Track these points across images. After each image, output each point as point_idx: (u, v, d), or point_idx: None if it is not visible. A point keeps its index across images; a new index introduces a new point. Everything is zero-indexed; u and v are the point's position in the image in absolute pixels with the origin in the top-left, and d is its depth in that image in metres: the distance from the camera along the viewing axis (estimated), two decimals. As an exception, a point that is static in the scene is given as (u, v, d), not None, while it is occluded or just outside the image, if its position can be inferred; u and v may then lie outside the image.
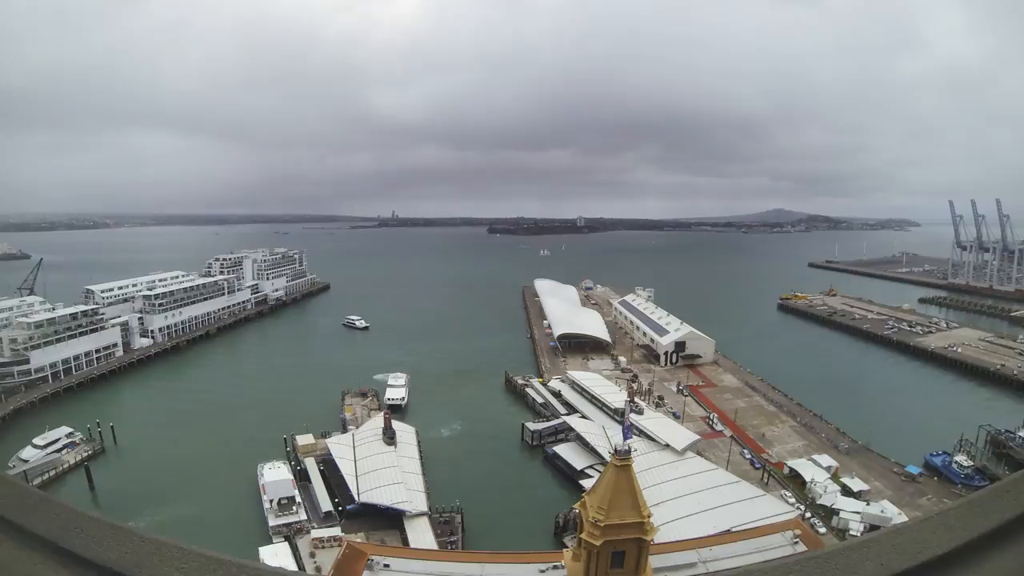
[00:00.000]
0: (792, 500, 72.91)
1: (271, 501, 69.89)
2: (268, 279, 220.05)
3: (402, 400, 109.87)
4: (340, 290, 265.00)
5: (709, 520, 61.09)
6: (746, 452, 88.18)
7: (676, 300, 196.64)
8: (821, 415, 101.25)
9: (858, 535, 48.44)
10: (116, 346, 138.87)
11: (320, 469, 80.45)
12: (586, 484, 70.52)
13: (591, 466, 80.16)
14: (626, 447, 25.24)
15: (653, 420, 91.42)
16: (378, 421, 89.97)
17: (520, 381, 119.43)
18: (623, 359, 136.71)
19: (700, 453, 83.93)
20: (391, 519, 68.26)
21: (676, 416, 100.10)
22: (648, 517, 24.80)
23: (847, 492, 74.33)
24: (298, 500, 71.16)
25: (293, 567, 57.95)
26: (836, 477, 77.98)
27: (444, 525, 68.56)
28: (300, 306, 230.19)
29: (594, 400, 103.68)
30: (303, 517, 68.92)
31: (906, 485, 78.09)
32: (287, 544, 63.54)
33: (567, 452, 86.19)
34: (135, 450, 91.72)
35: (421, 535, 65.07)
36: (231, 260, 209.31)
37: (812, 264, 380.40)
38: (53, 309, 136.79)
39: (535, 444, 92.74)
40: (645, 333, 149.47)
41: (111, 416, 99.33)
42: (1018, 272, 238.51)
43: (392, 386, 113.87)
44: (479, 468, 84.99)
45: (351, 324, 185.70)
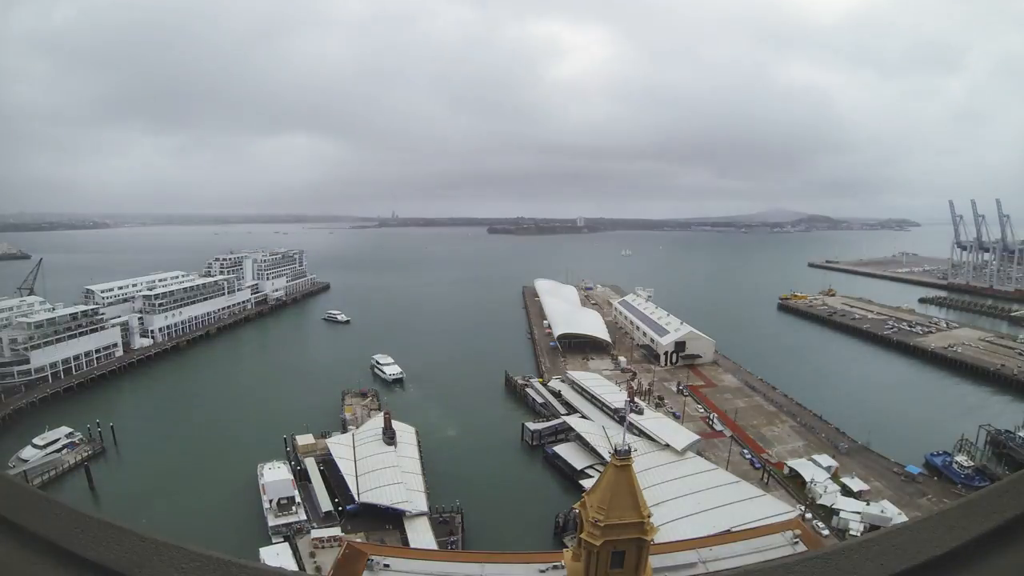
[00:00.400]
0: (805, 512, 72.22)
1: (271, 501, 69.90)
2: (268, 279, 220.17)
3: (401, 373, 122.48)
4: (338, 291, 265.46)
5: (709, 520, 61.06)
6: (746, 452, 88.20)
7: (676, 300, 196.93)
8: (821, 415, 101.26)
9: (858, 535, 48.44)
10: (116, 346, 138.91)
11: (320, 469, 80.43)
12: (586, 484, 70.53)
13: (591, 466, 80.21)
14: (626, 447, 25.21)
15: (653, 420, 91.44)
16: (378, 421, 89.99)
17: (520, 381, 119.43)
18: (623, 359, 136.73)
19: (700, 453, 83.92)
20: (391, 519, 68.28)
21: (676, 416, 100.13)
22: (648, 517, 24.78)
23: (847, 492, 74.32)
24: (298, 500, 71.16)
25: (293, 567, 57.94)
26: (836, 477, 77.98)
27: (444, 525, 68.59)
28: (300, 306, 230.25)
29: (594, 400, 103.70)
30: (303, 517, 68.92)
31: (906, 485, 78.10)
32: (287, 544, 63.55)
33: (567, 452, 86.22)
34: (135, 450, 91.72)
35: (421, 535, 65.10)
36: (231, 260, 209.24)
37: (812, 264, 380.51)
38: (53, 309, 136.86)
39: (535, 444, 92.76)
40: (645, 333, 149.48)
41: (111, 416, 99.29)
42: (1018, 272, 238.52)
43: (386, 364, 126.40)
44: (479, 468, 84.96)
45: (332, 318, 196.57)
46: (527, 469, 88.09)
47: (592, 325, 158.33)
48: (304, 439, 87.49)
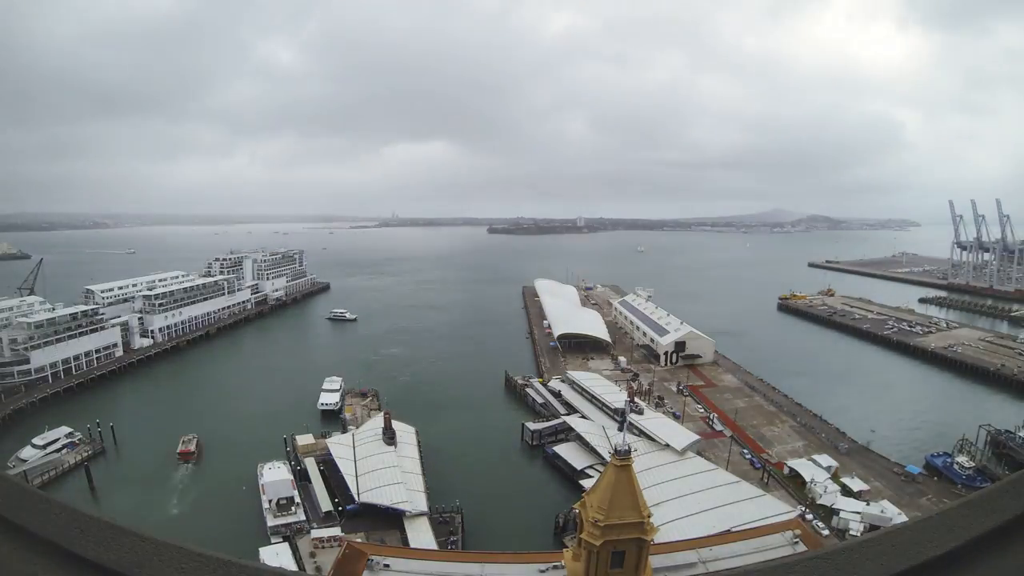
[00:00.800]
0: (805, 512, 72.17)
1: (271, 501, 69.88)
2: (268, 279, 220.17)
3: (335, 405, 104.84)
4: (338, 291, 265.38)
5: (709, 520, 61.06)
6: (746, 452, 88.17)
7: (676, 300, 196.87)
8: (821, 415, 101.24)
9: (858, 535, 48.44)
10: (116, 346, 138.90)
11: (320, 469, 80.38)
12: (586, 484, 70.53)
13: (591, 466, 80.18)
14: (626, 447, 25.20)
15: (653, 420, 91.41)
16: (378, 421, 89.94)
17: (520, 381, 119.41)
18: (623, 359, 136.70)
19: (700, 453, 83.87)
20: (391, 519, 68.20)
21: (676, 416, 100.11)
22: (648, 517, 24.80)
23: (847, 492, 74.31)
24: (298, 500, 71.15)
25: (293, 567, 57.95)
26: (836, 477, 77.94)
27: (444, 525, 68.57)
28: (300, 306, 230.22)
29: (594, 400, 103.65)
30: (303, 517, 68.91)
31: (906, 485, 78.08)
32: (287, 544, 63.53)
33: (567, 452, 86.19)
34: (135, 450, 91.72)
35: (421, 535, 65.04)
36: (231, 260, 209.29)
37: (812, 264, 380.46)
38: (53, 309, 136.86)
39: (535, 444, 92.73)
40: (645, 333, 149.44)
41: (111, 416, 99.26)
42: (1018, 272, 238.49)
43: (326, 390, 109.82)
44: (479, 468, 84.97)
45: (340, 316, 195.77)
46: (527, 469, 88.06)
47: (592, 325, 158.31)
48: (304, 439, 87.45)
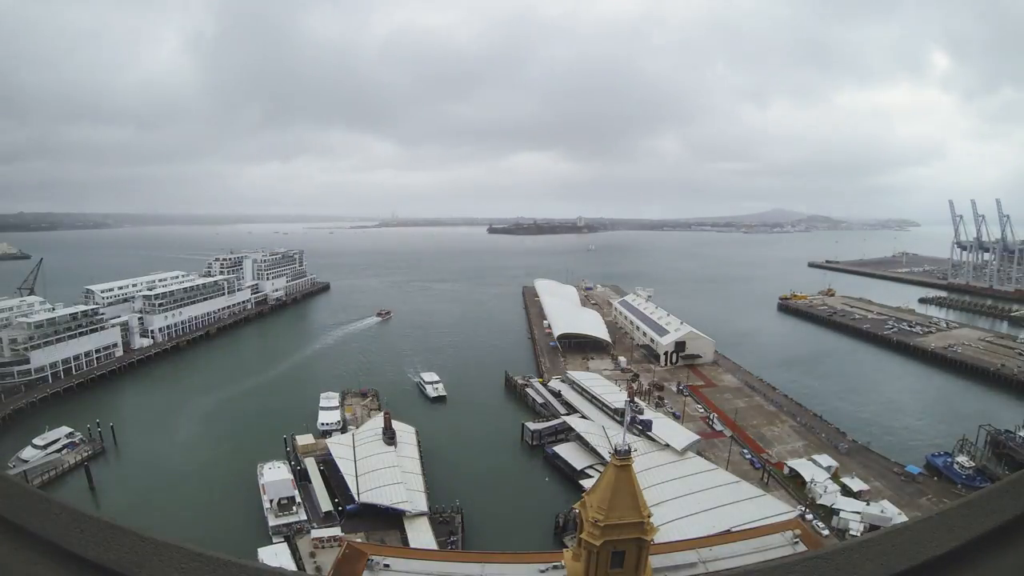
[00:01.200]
0: (805, 512, 72.35)
1: (271, 501, 69.84)
2: (268, 279, 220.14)
3: (337, 424, 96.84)
4: (340, 291, 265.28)
5: (709, 520, 61.01)
6: (746, 452, 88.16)
7: (676, 300, 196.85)
8: (821, 415, 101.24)
9: (858, 535, 48.43)
10: (116, 346, 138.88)
11: (320, 469, 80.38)
12: (586, 484, 70.52)
13: (591, 466, 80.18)
14: (626, 447, 25.19)
15: (653, 420, 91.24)
16: (378, 421, 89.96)
17: (520, 381, 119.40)
18: (623, 359, 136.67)
19: (700, 453, 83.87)
20: (391, 519, 68.21)
21: (676, 416, 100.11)
22: (648, 517, 24.76)
23: (847, 492, 74.30)
24: (298, 500, 71.12)
25: (293, 567, 57.95)
26: (836, 477, 77.93)
27: (444, 525, 68.55)
28: (300, 306, 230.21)
29: (594, 400, 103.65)
30: (303, 517, 68.88)
31: (906, 485, 78.07)
32: (287, 544, 63.51)
33: (567, 452, 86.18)
34: (135, 450, 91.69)
35: (421, 535, 65.06)
36: (231, 260, 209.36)
37: (812, 264, 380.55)
38: (53, 309, 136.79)
39: (535, 444, 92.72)
40: (645, 333, 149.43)
41: (111, 416, 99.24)
42: (1018, 272, 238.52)
43: (324, 408, 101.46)
44: (479, 468, 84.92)
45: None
46: (527, 469, 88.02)
47: (592, 325, 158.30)
48: (304, 439, 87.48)
